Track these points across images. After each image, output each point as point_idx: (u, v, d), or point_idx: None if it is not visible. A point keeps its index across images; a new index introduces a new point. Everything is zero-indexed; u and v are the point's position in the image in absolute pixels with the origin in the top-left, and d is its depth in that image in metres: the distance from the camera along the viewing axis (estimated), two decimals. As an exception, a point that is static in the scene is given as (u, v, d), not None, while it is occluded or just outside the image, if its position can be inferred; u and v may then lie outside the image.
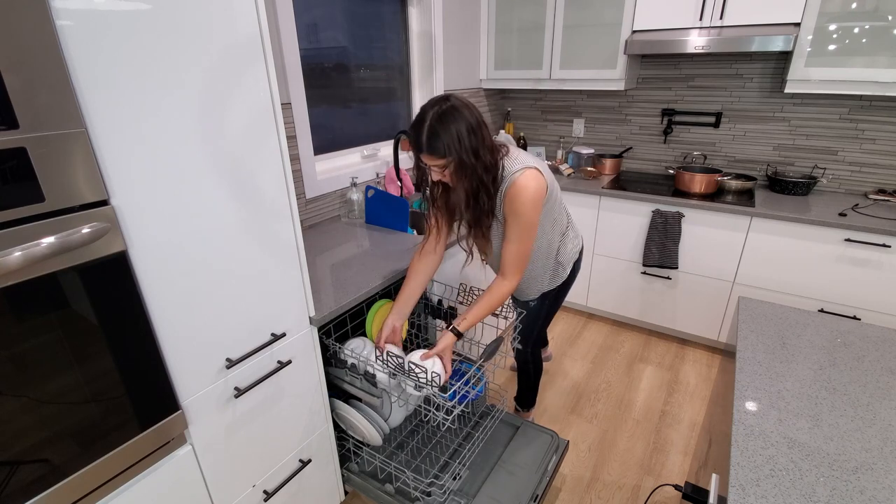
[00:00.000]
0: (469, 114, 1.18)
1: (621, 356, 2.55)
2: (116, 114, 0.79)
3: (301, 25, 1.85)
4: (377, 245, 1.78)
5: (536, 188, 1.26)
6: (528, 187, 1.25)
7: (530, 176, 1.25)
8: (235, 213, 1.04)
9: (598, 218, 2.60)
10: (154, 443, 0.98)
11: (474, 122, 1.18)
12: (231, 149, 0.99)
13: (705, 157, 2.72)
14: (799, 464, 0.84)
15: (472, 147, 1.17)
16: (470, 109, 1.19)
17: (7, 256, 0.69)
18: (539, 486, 1.49)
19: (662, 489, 1.76)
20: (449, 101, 1.18)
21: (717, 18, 2.18)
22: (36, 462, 0.81)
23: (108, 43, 0.76)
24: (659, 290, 2.57)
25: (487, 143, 1.22)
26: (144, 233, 0.88)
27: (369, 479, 1.54)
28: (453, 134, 1.15)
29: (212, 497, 1.14)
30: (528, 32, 2.69)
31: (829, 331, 1.23)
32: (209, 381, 1.07)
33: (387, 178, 2.25)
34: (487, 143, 1.22)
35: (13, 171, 0.69)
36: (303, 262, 1.24)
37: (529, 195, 1.26)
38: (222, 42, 0.92)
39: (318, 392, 1.40)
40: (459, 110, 1.17)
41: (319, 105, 2.06)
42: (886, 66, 1.93)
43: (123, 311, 0.87)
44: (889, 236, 1.94)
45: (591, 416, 2.13)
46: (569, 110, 3.08)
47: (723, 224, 2.27)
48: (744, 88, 2.51)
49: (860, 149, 2.33)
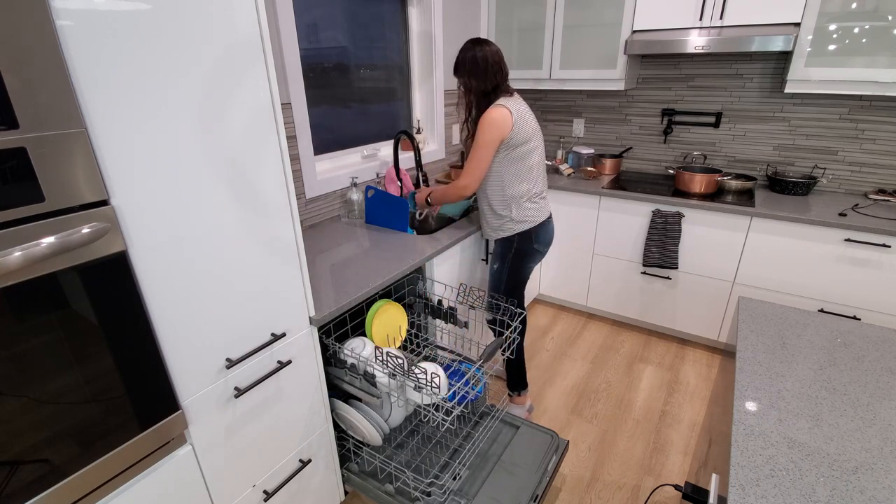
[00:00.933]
0: (485, 55, 1.65)
1: (621, 356, 2.55)
2: (116, 114, 0.79)
3: (301, 25, 1.85)
4: (377, 245, 1.78)
5: (496, 117, 1.62)
6: (491, 114, 1.63)
7: (497, 110, 1.63)
8: (235, 213, 1.04)
9: (598, 218, 2.60)
10: (154, 443, 0.98)
11: (482, 60, 1.65)
12: (231, 149, 0.99)
13: (705, 157, 2.72)
14: (799, 464, 0.84)
15: (474, 74, 1.67)
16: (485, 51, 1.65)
17: (7, 256, 0.69)
18: (539, 486, 1.49)
19: (662, 489, 1.76)
20: (477, 43, 1.67)
21: (717, 18, 2.18)
22: (36, 462, 0.81)
23: (109, 43, 0.76)
24: (659, 290, 2.57)
25: (490, 77, 1.66)
26: (144, 233, 0.88)
27: (369, 479, 1.54)
28: (466, 63, 1.68)
29: (212, 497, 1.14)
30: (528, 32, 2.69)
31: (829, 331, 1.23)
32: (209, 381, 1.07)
33: (387, 178, 2.25)
34: (490, 77, 1.66)
35: (13, 171, 0.69)
36: (303, 262, 1.24)
37: (488, 119, 1.63)
38: (222, 42, 0.92)
39: (318, 392, 1.40)
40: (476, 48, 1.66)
41: (319, 105, 2.06)
42: (886, 66, 1.93)
43: (123, 311, 0.87)
44: (889, 236, 1.94)
45: (591, 416, 2.13)
46: (569, 110, 3.08)
47: (723, 224, 2.27)
48: (744, 88, 2.51)
49: (860, 149, 2.33)
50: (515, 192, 1.75)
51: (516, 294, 1.91)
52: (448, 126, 2.71)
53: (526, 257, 1.84)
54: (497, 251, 1.88)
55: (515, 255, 1.83)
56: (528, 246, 1.82)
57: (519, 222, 1.78)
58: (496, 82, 1.67)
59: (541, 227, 1.81)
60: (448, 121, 2.70)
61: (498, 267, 1.88)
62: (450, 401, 1.28)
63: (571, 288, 2.87)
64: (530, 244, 1.81)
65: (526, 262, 1.86)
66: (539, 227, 1.80)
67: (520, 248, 1.82)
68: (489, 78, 1.67)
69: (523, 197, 1.76)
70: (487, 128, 1.63)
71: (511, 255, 1.83)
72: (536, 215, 1.79)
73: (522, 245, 1.81)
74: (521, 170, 1.72)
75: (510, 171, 1.72)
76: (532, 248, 1.83)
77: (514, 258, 1.84)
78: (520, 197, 1.75)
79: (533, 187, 1.76)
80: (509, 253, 1.83)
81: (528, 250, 1.83)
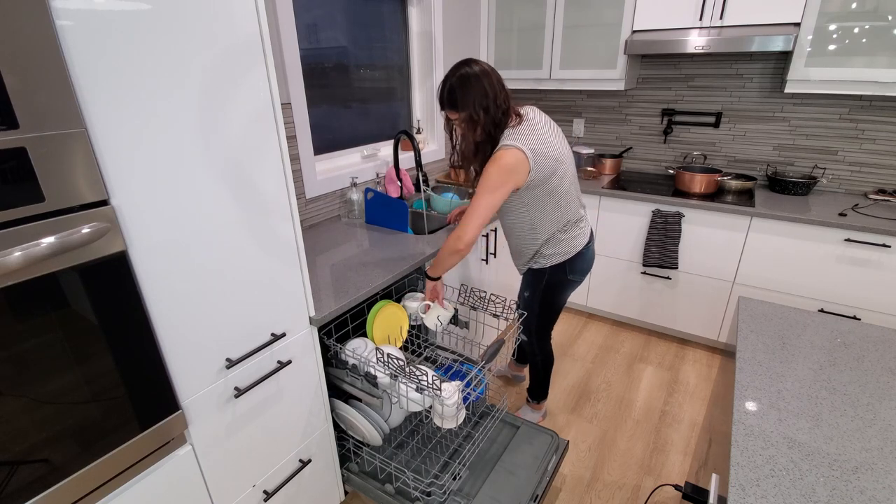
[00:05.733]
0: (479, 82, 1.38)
1: (621, 356, 2.55)
2: (116, 114, 0.79)
3: (301, 25, 1.85)
4: (377, 245, 1.78)
5: (507, 161, 1.38)
6: (501, 158, 1.39)
7: (509, 154, 1.39)
8: (235, 213, 1.04)
9: (598, 218, 2.60)
10: (154, 443, 0.98)
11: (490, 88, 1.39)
12: (231, 149, 0.99)
13: (705, 157, 2.72)
14: (799, 464, 0.84)
15: (482, 106, 1.39)
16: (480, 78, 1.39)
17: (7, 256, 0.69)
18: (539, 486, 1.49)
19: (662, 489, 1.76)
20: (467, 67, 1.40)
21: (717, 18, 2.18)
22: (36, 462, 0.81)
23: (109, 43, 0.76)
24: (659, 290, 2.57)
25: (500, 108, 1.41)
26: (144, 233, 0.88)
27: (369, 479, 1.54)
28: (469, 95, 1.38)
29: (212, 497, 1.14)
30: (528, 32, 2.69)
31: (829, 331, 1.23)
32: (209, 381, 1.07)
33: (387, 178, 2.25)
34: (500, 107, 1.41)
35: (13, 171, 0.69)
36: (303, 262, 1.24)
37: (497, 164, 1.39)
38: (222, 42, 0.92)
39: (318, 392, 1.40)
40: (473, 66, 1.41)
41: (319, 105, 2.06)
42: (886, 66, 1.93)
43: (123, 311, 0.87)
44: (889, 236, 1.94)
45: (591, 416, 2.13)
46: (569, 110, 3.08)
47: (723, 224, 2.27)
48: (744, 88, 2.51)
49: (860, 149, 2.33)
50: (546, 228, 1.56)
51: (549, 322, 1.80)
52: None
53: (558, 288, 1.69)
54: (527, 279, 1.74)
55: (547, 287, 1.68)
56: (560, 278, 1.65)
57: (550, 256, 1.61)
58: (502, 114, 1.41)
59: (577, 256, 1.62)
60: (448, 121, 2.69)
61: (529, 295, 1.73)
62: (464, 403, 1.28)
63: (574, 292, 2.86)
64: (564, 275, 1.65)
65: (558, 292, 1.70)
66: (574, 258, 1.62)
67: (551, 280, 1.66)
68: (496, 112, 1.40)
69: (555, 228, 1.57)
70: (496, 173, 1.39)
71: (542, 286, 1.68)
72: (570, 246, 1.60)
73: (554, 277, 1.65)
74: (548, 205, 1.51)
75: (537, 210, 1.53)
76: (566, 280, 1.66)
77: (545, 289, 1.69)
78: (552, 231, 1.57)
79: (564, 216, 1.56)
80: (540, 284, 1.68)
81: (562, 282, 1.66)
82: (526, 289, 1.75)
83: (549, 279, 1.66)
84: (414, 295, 1.68)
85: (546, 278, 1.66)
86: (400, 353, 1.46)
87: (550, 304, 1.74)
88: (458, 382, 1.33)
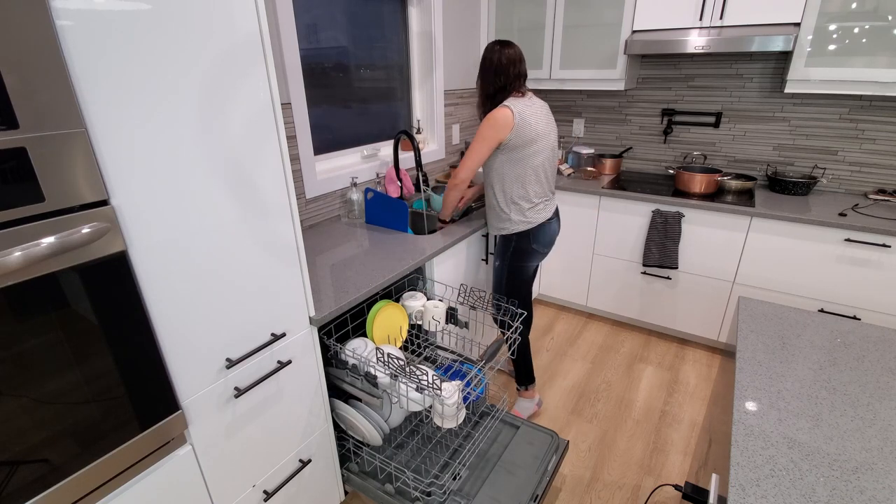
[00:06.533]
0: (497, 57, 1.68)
1: (621, 356, 2.55)
2: (116, 114, 0.79)
3: (301, 25, 1.85)
4: (377, 245, 1.78)
5: (498, 117, 1.65)
6: (494, 114, 1.66)
7: (500, 110, 1.65)
8: (235, 213, 1.04)
9: (598, 218, 2.60)
10: (154, 443, 0.98)
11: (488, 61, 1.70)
12: (231, 149, 0.99)
13: (705, 157, 2.72)
14: (799, 464, 0.84)
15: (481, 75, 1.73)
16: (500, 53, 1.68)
17: (7, 256, 0.69)
18: (539, 486, 1.49)
19: (662, 489, 1.76)
20: (497, 44, 1.70)
21: (717, 18, 2.18)
22: (36, 462, 0.81)
23: (109, 43, 0.76)
24: (659, 290, 2.57)
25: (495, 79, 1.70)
26: (144, 233, 0.88)
27: (369, 479, 1.54)
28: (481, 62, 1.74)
29: (212, 497, 1.14)
30: (528, 32, 2.69)
31: (829, 331, 1.23)
32: (209, 381, 1.07)
33: (387, 178, 2.25)
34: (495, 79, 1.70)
35: (13, 171, 0.69)
36: (303, 262, 1.24)
37: (489, 118, 1.67)
38: (222, 42, 0.92)
39: (318, 392, 1.40)
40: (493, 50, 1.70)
41: (319, 105, 2.06)
42: (886, 66, 1.93)
43: (123, 311, 0.87)
44: (889, 236, 1.94)
45: (591, 416, 2.13)
46: (569, 110, 3.08)
47: (723, 224, 2.27)
48: (744, 88, 2.51)
49: (860, 149, 2.33)
50: (514, 194, 1.77)
51: (519, 293, 1.93)
52: (448, 126, 2.71)
53: (524, 256, 1.86)
54: (498, 248, 1.92)
55: (514, 253, 1.85)
56: (526, 245, 1.84)
57: (517, 223, 1.80)
58: (501, 84, 1.69)
59: (540, 228, 1.82)
60: (448, 121, 2.70)
61: (499, 265, 1.92)
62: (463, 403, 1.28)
63: (571, 288, 2.87)
64: (528, 244, 1.83)
65: (525, 260, 1.87)
66: (538, 228, 1.82)
67: (518, 246, 1.84)
68: (494, 80, 1.70)
69: (522, 199, 1.77)
70: (486, 125, 1.67)
71: (510, 253, 1.86)
72: (535, 217, 1.80)
73: (521, 244, 1.84)
74: (520, 173, 1.73)
75: (510, 174, 1.74)
76: (530, 248, 1.84)
77: (512, 256, 1.86)
78: (519, 199, 1.77)
79: (532, 191, 1.77)
80: (508, 251, 1.86)
81: (527, 249, 1.85)
82: (497, 258, 1.94)
83: (516, 245, 1.85)
84: (414, 295, 1.68)
85: (513, 244, 1.85)
86: (400, 353, 1.46)
87: (518, 270, 1.90)
88: (458, 382, 1.33)
